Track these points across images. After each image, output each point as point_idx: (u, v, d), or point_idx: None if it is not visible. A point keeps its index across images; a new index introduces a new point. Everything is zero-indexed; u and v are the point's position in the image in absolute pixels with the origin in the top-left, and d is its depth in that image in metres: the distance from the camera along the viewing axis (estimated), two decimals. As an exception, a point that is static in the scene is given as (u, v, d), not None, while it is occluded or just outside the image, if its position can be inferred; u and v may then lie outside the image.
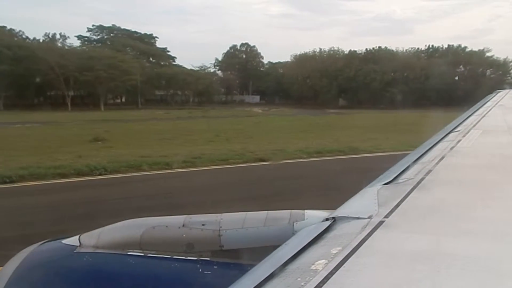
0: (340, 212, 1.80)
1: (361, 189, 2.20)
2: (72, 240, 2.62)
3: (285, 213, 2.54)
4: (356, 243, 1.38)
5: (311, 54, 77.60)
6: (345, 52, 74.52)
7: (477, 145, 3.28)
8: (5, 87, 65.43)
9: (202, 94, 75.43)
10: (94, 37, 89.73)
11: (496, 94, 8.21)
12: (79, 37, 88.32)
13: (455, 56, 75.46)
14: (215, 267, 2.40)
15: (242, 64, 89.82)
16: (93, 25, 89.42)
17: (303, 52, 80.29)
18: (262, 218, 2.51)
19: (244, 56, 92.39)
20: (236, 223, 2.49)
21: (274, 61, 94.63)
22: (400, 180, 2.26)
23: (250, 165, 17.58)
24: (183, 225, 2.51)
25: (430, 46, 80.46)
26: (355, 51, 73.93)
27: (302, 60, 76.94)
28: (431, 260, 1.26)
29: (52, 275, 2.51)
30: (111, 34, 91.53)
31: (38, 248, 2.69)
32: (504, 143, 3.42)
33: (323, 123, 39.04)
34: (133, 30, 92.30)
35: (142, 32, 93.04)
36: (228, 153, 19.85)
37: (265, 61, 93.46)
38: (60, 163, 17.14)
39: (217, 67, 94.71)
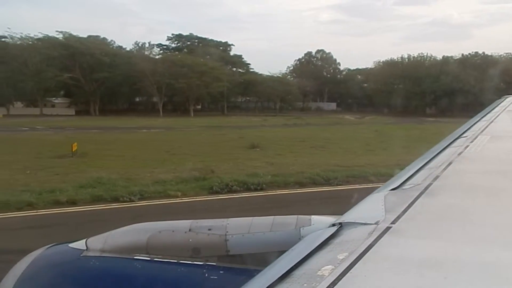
0: (346, 217, 1.78)
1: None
2: (79, 244, 2.62)
3: (291, 219, 2.53)
4: (363, 249, 1.36)
5: (398, 60, 75.02)
6: (437, 58, 71.41)
7: (485, 151, 3.24)
8: (102, 93, 69.18)
9: (284, 100, 75.18)
10: (173, 45, 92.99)
11: (505, 99, 7.91)
12: (159, 45, 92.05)
13: None
14: (221, 272, 2.39)
15: (317, 71, 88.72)
16: (172, 34, 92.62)
17: (389, 58, 77.79)
18: (268, 223, 2.50)
19: (320, 63, 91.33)
20: (242, 228, 2.48)
21: (352, 68, 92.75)
22: (407, 185, 2.23)
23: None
24: (190, 230, 2.50)
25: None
26: (451, 56, 70.73)
27: (389, 67, 74.47)
28: (438, 266, 1.24)
29: (58, 278, 2.52)
30: (188, 42, 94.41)
31: (45, 251, 2.69)
32: None
33: (449, 133, 36.84)
34: (209, 38, 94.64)
35: (217, 40, 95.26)
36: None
37: (341, 67, 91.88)
38: (260, 170, 17.01)
39: (290, 74, 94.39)
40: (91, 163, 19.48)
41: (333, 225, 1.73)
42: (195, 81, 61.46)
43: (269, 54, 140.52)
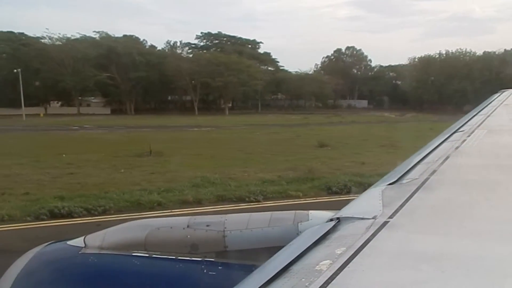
0: (344, 212, 1.78)
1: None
2: (77, 241, 2.62)
3: (289, 214, 2.56)
4: (361, 244, 1.37)
5: (435, 56, 73.69)
6: (477, 54, 69.84)
7: (482, 145, 3.24)
8: (136, 93, 69.83)
9: (318, 98, 74.73)
10: (201, 44, 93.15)
11: (501, 93, 7.84)
12: (187, 44, 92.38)
13: None
14: (219, 268, 2.39)
15: (347, 68, 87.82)
16: (201, 33, 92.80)
17: (426, 54, 76.47)
18: (266, 219, 2.51)
19: (350, 60, 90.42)
20: (240, 224, 2.48)
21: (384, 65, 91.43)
22: (404, 180, 2.22)
23: None
24: (188, 226, 2.50)
25: None
26: (494, 52, 69.01)
27: (425, 63, 73.10)
28: (436, 260, 1.24)
29: (57, 275, 2.52)
30: (216, 41, 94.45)
31: (44, 249, 2.69)
32: (509, 142, 3.39)
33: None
34: (238, 36, 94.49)
35: (244, 38, 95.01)
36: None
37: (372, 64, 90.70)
38: (357, 170, 16.77)
39: (318, 71, 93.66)
40: (175, 162, 19.36)
41: (331, 220, 1.72)
42: (232, 79, 61.49)
43: (286, 51, 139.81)
